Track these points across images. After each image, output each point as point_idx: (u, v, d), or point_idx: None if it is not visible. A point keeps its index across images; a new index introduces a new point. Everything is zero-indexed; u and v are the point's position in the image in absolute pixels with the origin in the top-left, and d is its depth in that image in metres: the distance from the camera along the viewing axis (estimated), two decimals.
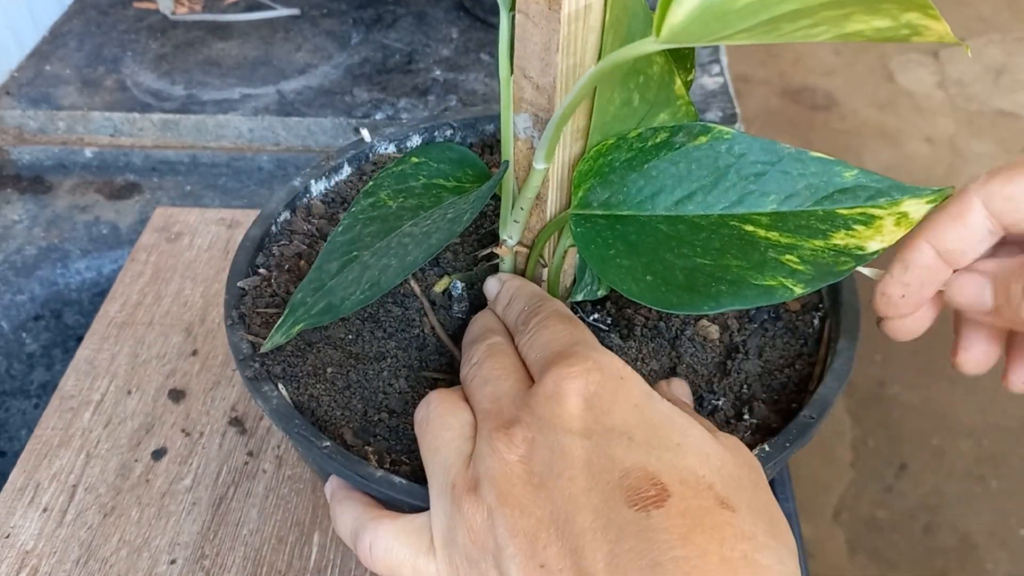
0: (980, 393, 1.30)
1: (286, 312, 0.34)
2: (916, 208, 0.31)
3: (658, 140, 0.32)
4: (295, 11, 0.91)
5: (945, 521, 1.18)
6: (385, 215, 0.35)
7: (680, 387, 0.36)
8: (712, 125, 0.32)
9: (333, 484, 0.34)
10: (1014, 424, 1.27)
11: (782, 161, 0.32)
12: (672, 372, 0.38)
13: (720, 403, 0.36)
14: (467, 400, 0.33)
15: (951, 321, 0.36)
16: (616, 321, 0.40)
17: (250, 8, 0.91)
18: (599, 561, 0.25)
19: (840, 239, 0.31)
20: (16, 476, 0.49)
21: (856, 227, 0.31)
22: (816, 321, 0.39)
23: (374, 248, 0.34)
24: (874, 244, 0.30)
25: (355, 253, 0.34)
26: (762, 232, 0.31)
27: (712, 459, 0.27)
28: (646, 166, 0.32)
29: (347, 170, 0.46)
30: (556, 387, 0.29)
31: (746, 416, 0.36)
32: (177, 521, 0.47)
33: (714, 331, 0.39)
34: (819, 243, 0.31)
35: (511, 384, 0.31)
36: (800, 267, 0.30)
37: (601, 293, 0.39)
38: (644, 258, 0.30)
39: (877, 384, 1.31)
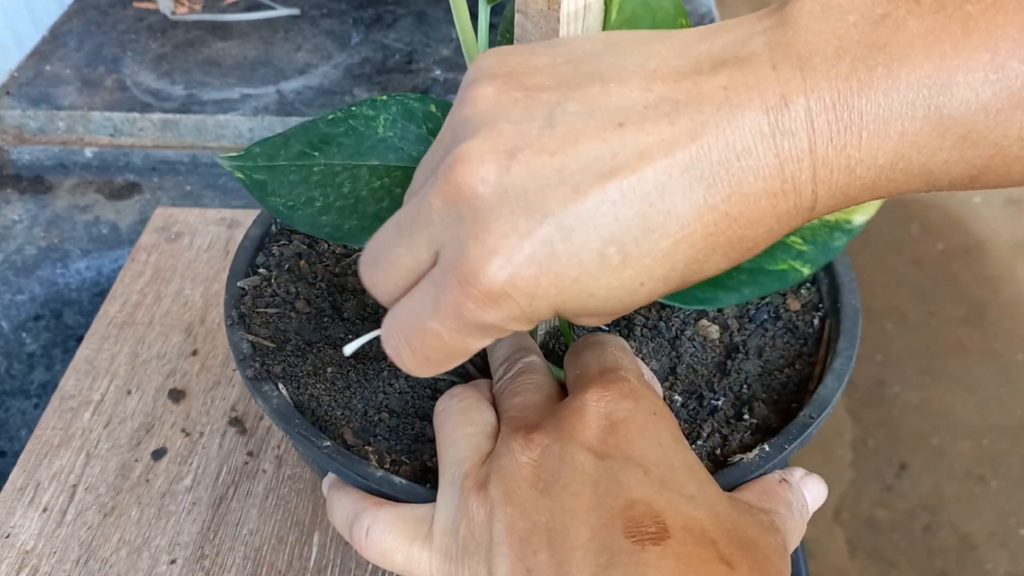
0: (980, 393, 1.30)
1: (245, 150, 0.33)
2: None
3: None
4: (295, 11, 0.91)
5: (945, 521, 1.18)
6: (366, 135, 0.33)
7: (815, 485, 0.34)
8: None
9: (332, 476, 0.34)
10: (1014, 424, 1.27)
11: None
12: (672, 372, 0.38)
13: (720, 403, 0.36)
14: (494, 405, 0.33)
15: (951, 321, 0.36)
16: (616, 321, 0.40)
17: (250, 8, 0.91)
18: None
19: (831, 215, 0.32)
20: (16, 476, 0.49)
21: None
22: (816, 321, 0.39)
23: (329, 168, 0.32)
24: (859, 217, 0.32)
25: (316, 154, 0.33)
26: None
27: (723, 519, 0.27)
28: None
29: None
30: (584, 404, 0.29)
31: (746, 416, 0.36)
32: (177, 521, 0.47)
33: (714, 331, 0.39)
34: (815, 220, 0.32)
35: (541, 398, 0.32)
36: (804, 247, 0.31)
37: None
38: None
39: (877, 384, 1.31)
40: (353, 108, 0.34)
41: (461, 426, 0.31)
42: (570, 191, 0.22)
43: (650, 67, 0.24)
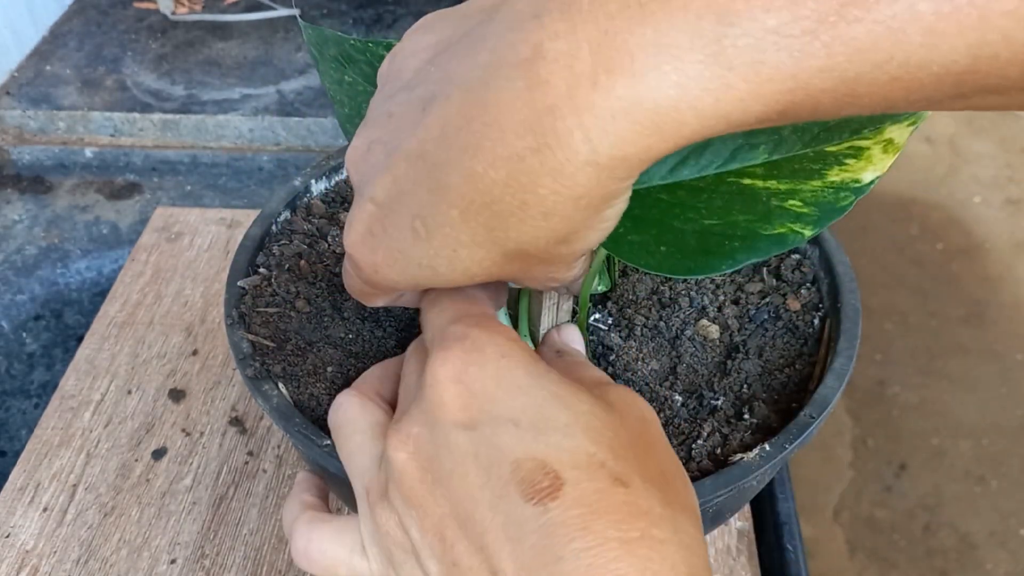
0: (980, 393, 1.30)
1: (313, 27, 0.37)
2: (899, 133, 0.31)
3: None
4: (295, 11, 0.91)
5: (945, 521, 1.18)
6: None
7: (570, 332, 0.35)
8: None
9: (298, 477, 0.34)
10: (1014, 424, 1.27)
11: None
12: (672, 372, 0.38)
13: (720, 403, 0.36)
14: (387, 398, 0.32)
15: (951, 321, 0.36)
16: (617, 321, 0.40)
17: (250, 8, 0.91)
18: (505, 560, 0.25)
19: (835, 175, 0.31)
20: (16, 476, 0.49)
21: (848, 161, 0.31)
22: (816, 321, 0.39)
23: (354, 82, 0.36)
24: (868, 175, 0.31)
25: (346, 66, 0.37)
26: (760, 183, 0.31)
27: (604, 432, 0.27)
28: None
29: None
30: (433, 375, 0.28)
31: (746, 416, 0.36)
32: (177, 521, 0.47)
33: (714, 331, 0.39)
34: (817, 183, 0.31)
35: (416, 378, 0.30)
36: (804, 210, 0.30)
37: (602, 288, 0.39)
38: (653, 230, 0.30)
39: (877, 384, 1.31)
40: (370, 43, 0.37)
41: (351, 436, 0.31)
42: (390, 175, 0.25)
43: (461, 41, 0.25)
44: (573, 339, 0.35)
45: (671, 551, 0.25)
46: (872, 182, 0.31)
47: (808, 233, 0.30)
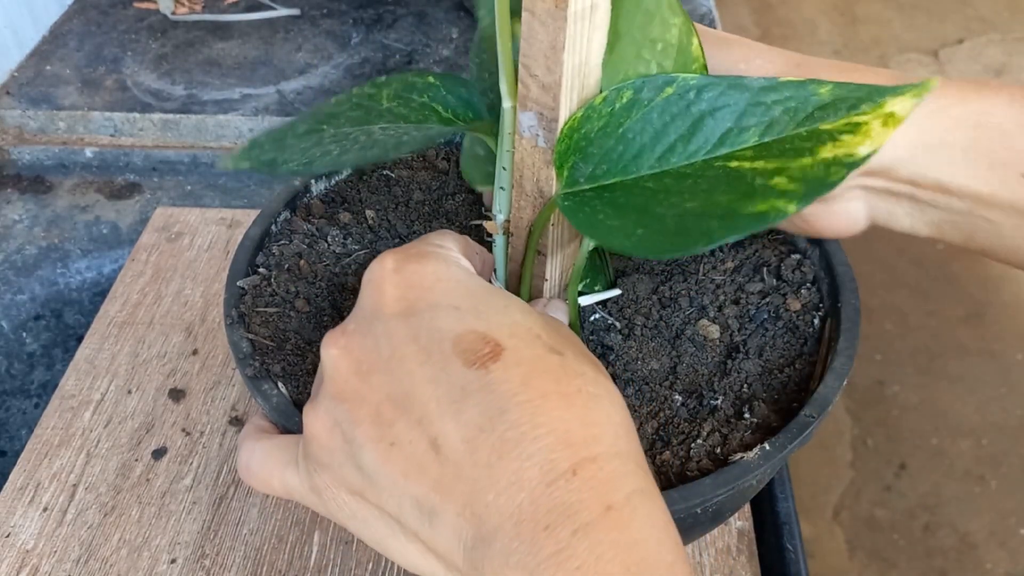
0: (980, 393, 1.30)
1: (246, 146, 0.33)
2: (902, 105, 0.29)
3: (624, 101, 0.32)
4: (295, 11, 0.91)
5: (945, 521, 1.18)
6: (372, 108, 0.35)
7: (553, 304, 0.36)
8: (676, 74, 0.32)
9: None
10: (1014, 424, 1.27)
11: (755, 93, 0.31)
12: (672, 371, 0.38)
13: (720, 402, 0.36)
14: None
15: (951, 321, 0.35)
16: (617, 321, 0.40)
17: (250, 8, 0.91)
18: (448, 423, 0.26)
19: (827, 152, 0.29)
20: (16, 476, 0.49)
21: (842, 137, 0.29)
22: (816, 321, 0.39)
23: (341, 132, 0.34)
24: (864, 148, 0.29)
25: (324, 127, 0.34)
26: (747, 164, 0.30)
27: (535, 316, 0.29)
28: (620, 130, 0.31)
29: (347, 169, 0.46)
30: (370, 271, 0.29)
31: (746, 415, 0.36)
32: (177, 520, 0.47)
33: (714, 331, 0.39)
34: (807, 160, 0.29)
35: None
36: (790, 187, 0.28)
37: (599, 289, 0.39)
38: (634, 215, 0.30)
39: (877, 384, 1.32)
40: (354, 91, 0.36)
41: (320, 370, 0.32)
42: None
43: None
44: (554, 311, 0.36)
45: (605, 404, 0.27)
46: (868, 156, 0.29)
47: (792, 208, 0.28)
